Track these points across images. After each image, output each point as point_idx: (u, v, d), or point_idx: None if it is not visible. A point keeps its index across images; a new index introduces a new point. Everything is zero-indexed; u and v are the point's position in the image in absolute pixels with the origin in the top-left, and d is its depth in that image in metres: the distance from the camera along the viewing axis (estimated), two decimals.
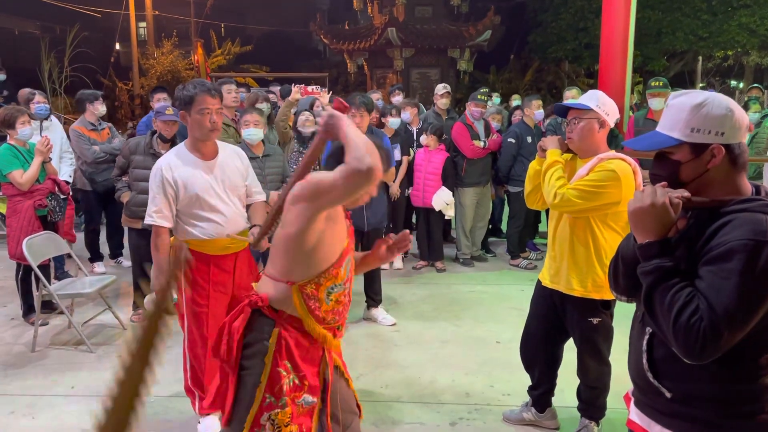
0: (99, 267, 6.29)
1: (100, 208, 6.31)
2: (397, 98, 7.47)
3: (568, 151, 3.04)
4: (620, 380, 3.45)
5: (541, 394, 3.35)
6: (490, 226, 7.30)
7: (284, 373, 2.25)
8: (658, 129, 1.67)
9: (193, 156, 3.09)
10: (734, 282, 1.42)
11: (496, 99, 7.06)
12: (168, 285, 0.82)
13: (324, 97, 5.83)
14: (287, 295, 2.23)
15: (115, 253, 6.64)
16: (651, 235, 1.57)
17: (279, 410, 2.24)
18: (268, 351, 2.25)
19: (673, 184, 1.63)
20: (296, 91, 5.49)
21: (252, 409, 2.24)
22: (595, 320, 3.00)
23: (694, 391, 1.58)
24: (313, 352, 2.32)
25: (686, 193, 1.58)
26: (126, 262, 6.59)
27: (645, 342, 1.66)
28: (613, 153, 2.90)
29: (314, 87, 5.82)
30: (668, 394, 1.61)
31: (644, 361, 1.65)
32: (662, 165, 1.66)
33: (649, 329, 1.66)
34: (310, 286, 2.23)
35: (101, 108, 6.08)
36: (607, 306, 3.02)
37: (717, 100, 1.60)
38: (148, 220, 3.08)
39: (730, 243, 1.45)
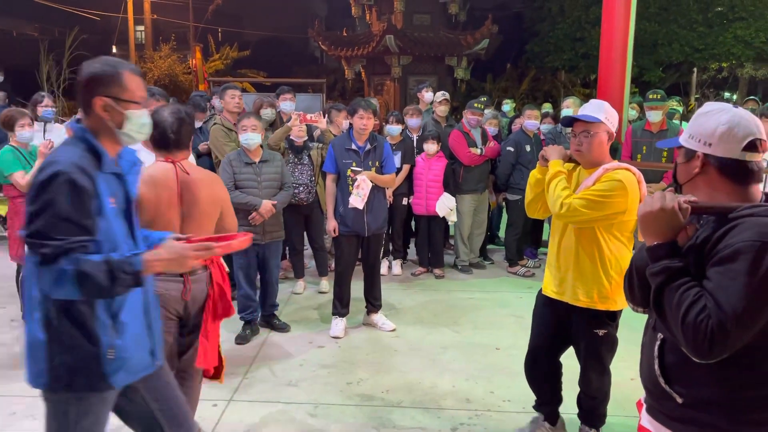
0: None
1: None
2: (428, 95, 7.33)
3: (570, 160, 3.07)
4: (619, 387, 3.50)
5: (554, 407, 3.33)
6: (488, 234, 7.34)
7: None
8: None
9: None
10: (741, 282, 1.46)
11: (488, 112, 7.05)
12: None
13: (322, 122, 5.81)
14: None
15: None
16: (660, 237, 1.62)
17: None
18: None
19: (674, 182, 1.77)
20: (295, 119, 5.44)
21: None
22: (601, 332, 3.01)
23: (705, 396, 1.60)
24: None
25: (694, 198, 1.63)
26: None
27: (656, 347, 1.69)
28: (617, 163, 2.93)
29: (312, 115, 5.77)
30: (679, 399, 1.64)
31: (656, 366, 1.68)
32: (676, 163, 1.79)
33: (660, 335, 1.69)
34: None
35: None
36: (612, 317, 3.03)
37: (721, 113, 1.66)
38: None
39: (737, 244, 1.49)
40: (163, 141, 2.92)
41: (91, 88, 2.02)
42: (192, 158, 4.59)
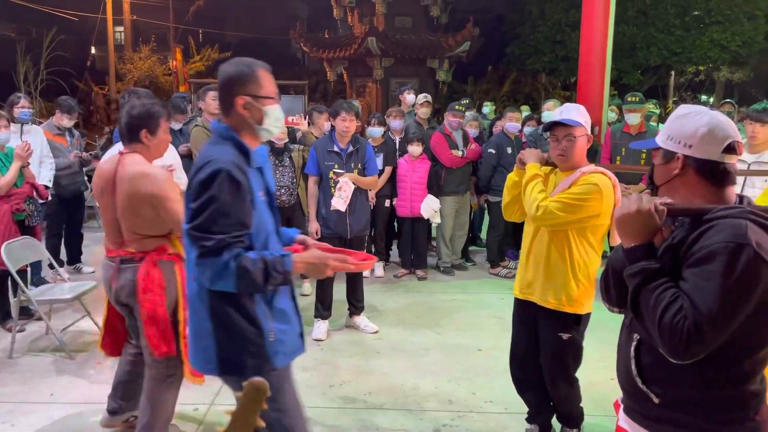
0: (62, 273, 6.21)
1: (64, 213, 6.24)
2: (410, 97, 7.36)
3: (548, 163, 3.09)
4: (598, 387, 3.54)
5: (547, 414, 3.31)
6: (470, 235, 7.37)
7: None
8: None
9: None
10: (716, 283, 1.48)
11: (468, 114, 7.08)
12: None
13: (303, 124, 5.77)
14: None
15: (73, 259, 6.59)
16: (637, 239, 1.64)
17: None
18: None
19: (651, 184, 1.78)
20: None
21: None
22: (565, 335, 3.01)
23: (681, 396, 1.63)
24: None
25: (669, 200, 1.66)
26: (86, 268, 6.55)
27: (633, 348, 1.71)
28: (594, 167, 2.95)
29: (293, 117, 5.77)
30: (656, 399, 1.66)
31: (633, 366, 1.70)
32: (652, 165, 1.80)
33: (636, 336, 1.71)
34: None
35: (65, 122, 6.10)
36: (578, 321, 3.04)
37: (699, 115, 1.68)
38: None
39: (712, 246, 1.52)
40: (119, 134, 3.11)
41: (230, 89, 2.10)
42: (177, 159, 4.56)
